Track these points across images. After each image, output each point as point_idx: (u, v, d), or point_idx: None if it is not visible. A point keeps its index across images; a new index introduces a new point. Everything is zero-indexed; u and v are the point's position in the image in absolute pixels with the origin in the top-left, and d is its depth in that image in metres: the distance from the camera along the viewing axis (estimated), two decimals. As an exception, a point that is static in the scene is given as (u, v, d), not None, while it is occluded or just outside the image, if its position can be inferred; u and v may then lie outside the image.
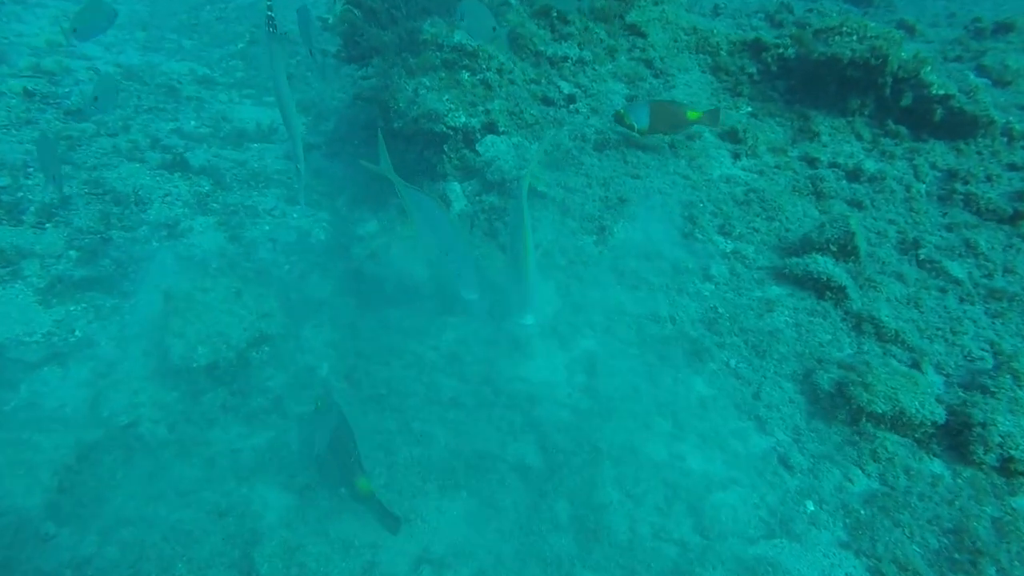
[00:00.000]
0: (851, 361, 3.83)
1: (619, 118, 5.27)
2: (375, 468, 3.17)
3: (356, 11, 6.43)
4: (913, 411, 3.41)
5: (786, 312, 4.34)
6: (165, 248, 5.40)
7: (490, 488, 3.13)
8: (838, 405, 3.61)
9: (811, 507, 3.16)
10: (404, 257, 4.79)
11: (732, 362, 3.98)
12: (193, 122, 8.06)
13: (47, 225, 5.12)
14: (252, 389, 3.93)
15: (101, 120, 7.24)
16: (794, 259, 4.56)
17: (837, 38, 5.49)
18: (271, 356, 4.18)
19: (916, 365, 3.95)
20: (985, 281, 4.58)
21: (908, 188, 5.30)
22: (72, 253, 4.91)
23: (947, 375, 3.96)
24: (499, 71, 5.93)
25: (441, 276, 4.51)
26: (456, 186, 5.45)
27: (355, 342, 4.22)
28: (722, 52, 6.33)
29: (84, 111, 6.91)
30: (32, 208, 5.20)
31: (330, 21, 11.34)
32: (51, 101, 7.35)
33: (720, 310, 4.30)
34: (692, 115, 5.21)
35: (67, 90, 7.67)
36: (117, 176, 6.30)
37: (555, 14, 6.49)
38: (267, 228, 6.15)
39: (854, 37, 5.42)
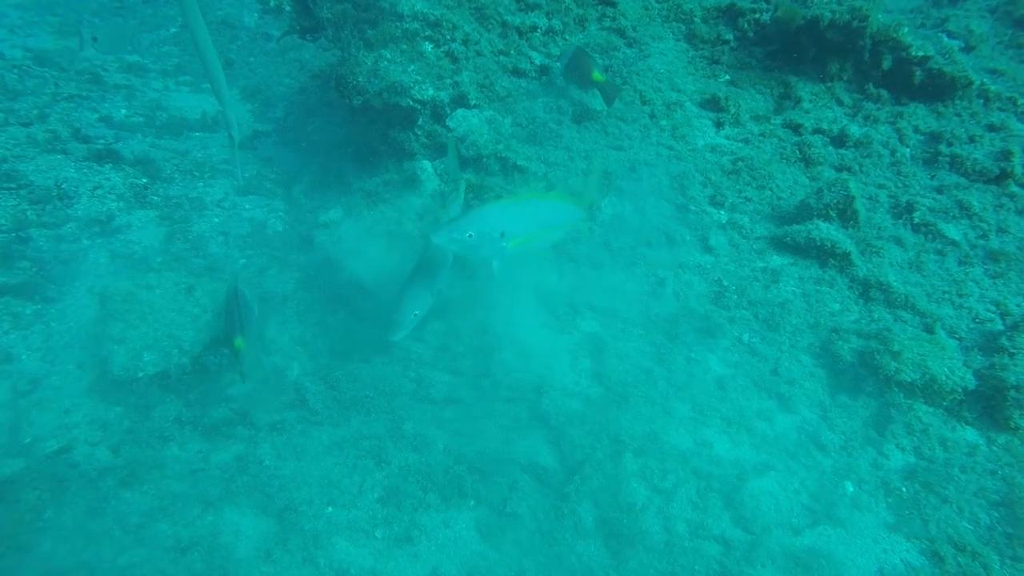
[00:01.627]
0: (871, 329, 3.61)
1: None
2: (365, 479, 2.72)
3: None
4: (943, 378, 3.20)
5: (792, 282, 4.10)
6: (98, 246, 4.75)
7: (501, 494, 2.73)
8: (863, 376, 3.37)
9: (851, 488, 2.89)
10: (375, 243, 4.31)
11: (745, 337, 3.70)
12: (124, 111, 7.30)
13: (-50, 224, 4.40)
14: (211, 398, 3.40)
15: (10, 108, 6.44)
16: (795, 227, 4.32)
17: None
18: (231, 359, 3.64)
19: (929, 330, 3.77)
20: (982, 242, 4.46)
21: (893, 152, 5.16)
22: (-18, 255, 4.22)
23: (960, 338, 3.78)
24: (464, 42, 5.49)
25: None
26: (427, 164, 5.00)
27: (327, 339, 3.73)
28: (696, 19, 6.07)
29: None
30: (-69, 205, 4.47)
31: (271, 3, 10.60)
32: (-50, 89, 6.48)
33: (725, 283, 4.03)
34: (597, 76, 4.92)
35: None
36: (35, 168, 5.56)
37: (520, -19, 6.09)
38: (217, 221, 5.54)
39: (833, -2, 5.24)
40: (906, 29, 5.23)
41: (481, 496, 2.73)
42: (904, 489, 2.90)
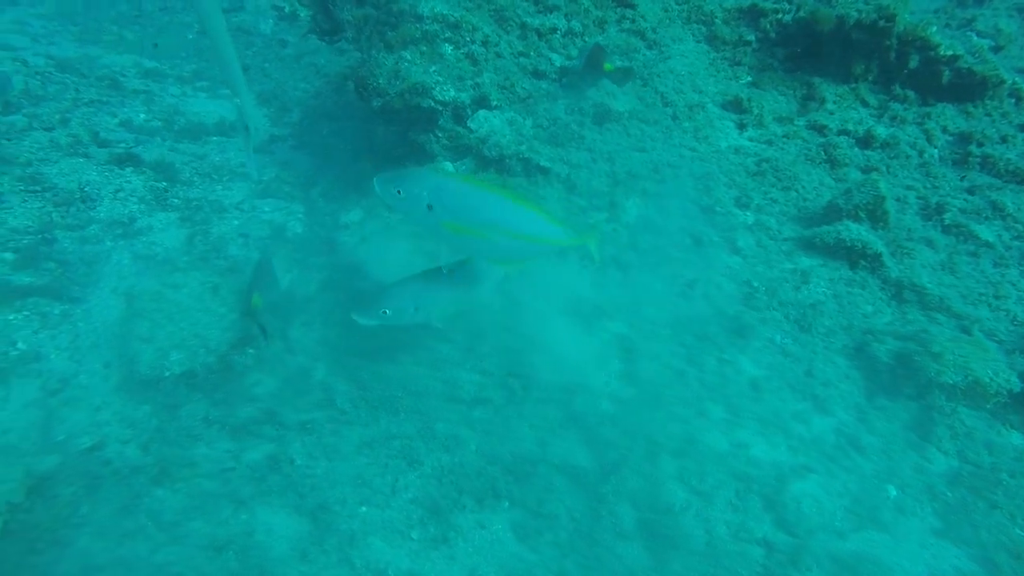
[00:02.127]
0: (907, 331, 3.53)
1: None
2: (398, 479, 2.67)
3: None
4: (988, 380, 3.12)
5: (822, 283, 4.03)
6: (120, 247, 4.75)
7: (536, 495, 2.67)
8: (901, 379, 3.30)
9: (894, 492, 2.82)
10: (398, 243, 4.28)
11: (777, 338, 3.63)
12: (143, 115, 7.34)
13: (-25, 225, 4.41)
14: (237, 398, 3.37)
15: (33, 113, 6.49)
16: (824, 227, 4.26)
17: (841, -1, 5.25)
18: (257, 359, 3.62)
19: (966, 332, 3.69)
20: (1017, 243, 4.38)
21: (921, 153, 5.09)
22: (8, 256, 4.22)
23: (1000, 341, 3.70)
24: (484, 44, 5.48)
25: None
26: (448, 165, 4.97)
27: (352, 339, 3.70)
28: (717, 20, 6.03)
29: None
30: (-43, 207, 4.49)
31: (287, 10, 10.65)
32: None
33: (754, 284, 3.96)
34: (608, 67, 4.92)
35: (-5, 81, 6.85)
36: (58, 172, 5.58)
37: (539, -15, 6.09)
38: (236, 223, 5.53)
39: (859, -3, 5.19)
40: (935, 28, 5.18)
41: (515, 497, 2.67)
42: (950, 494, 2.82)
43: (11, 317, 3.66)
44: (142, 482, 2.65)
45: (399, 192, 2.65)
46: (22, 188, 5.05)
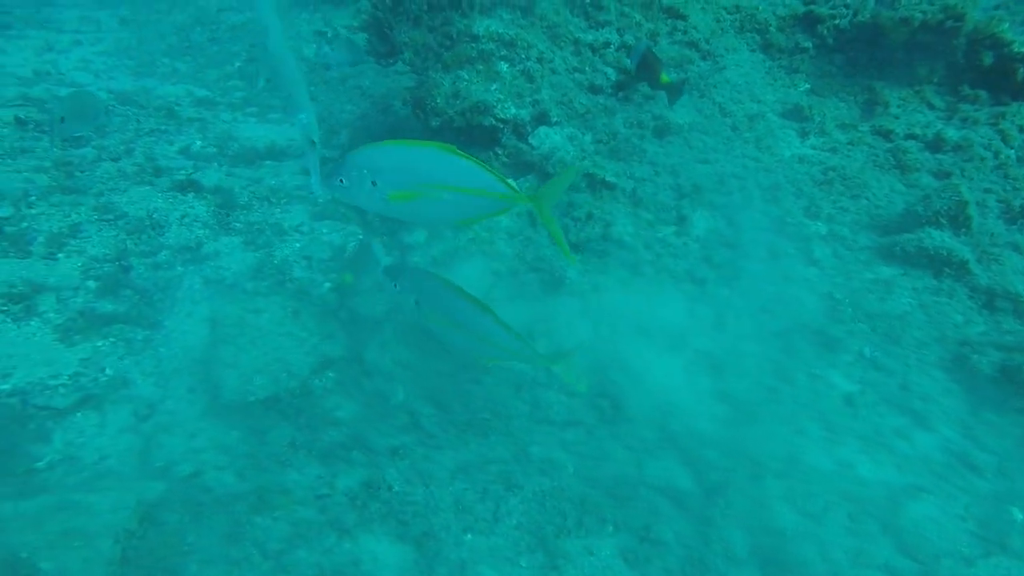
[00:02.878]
0: (1010, 341, 3.38)
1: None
2: (499, 505, 2.63)
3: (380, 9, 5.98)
4: (1107, 392, 2.96)
5: (907, 293, 3.90)
6: (191, 272, 4.84)
7: (641, 519, 2.60)
8: (1008, 392, 3.15)
9: (1020, 516, 2.67)
10: (470, 262, 4.28)
11: (867, 351, 3.51)
12: (199, 142, 7.54)
13: (59, 255, 4.54)
14: (319, 422, 3.38)
15: (101, 145, 6.71)
16: (904, 235, 4.13)
17: (904, 0, 5.14)
18: (335, 383, 3.63)
19: (1069, 341, 3.52)
20: (1112, 247, 4.18)
21: (997, 154, 4.92)
22: (90, 284, 4.33)
23: (1105, 350, 3.52)
24: (539, 60, 5.50)
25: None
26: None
27: (429, 360, 3.69)
28: (771, 29, 5.96)
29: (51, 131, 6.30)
30: (40, 238, 4.62)
31: (334, 33, 10.90)
32: (44, 129, 6.80)
33: (836, 296, 3.85)
34: (664, 79, 4.82)
35: (60, 116, 7.13)
36: (127, 200, 5.74)
37: (588, 0, 6.12)
38: (298, 246, 5.60)
39: (924, -2, 5.07)
40: (1006, 25, 5.02)
41: (619, 521, 2.61)
42: (1080, 515, 2.67)
43: (99, 343, 3.74)
44: (242, 509, 2.66)
45: (342, 181, 2.59)
46: (97, 217, 5.20)
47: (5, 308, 3.77)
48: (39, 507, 2.33)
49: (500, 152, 5.12)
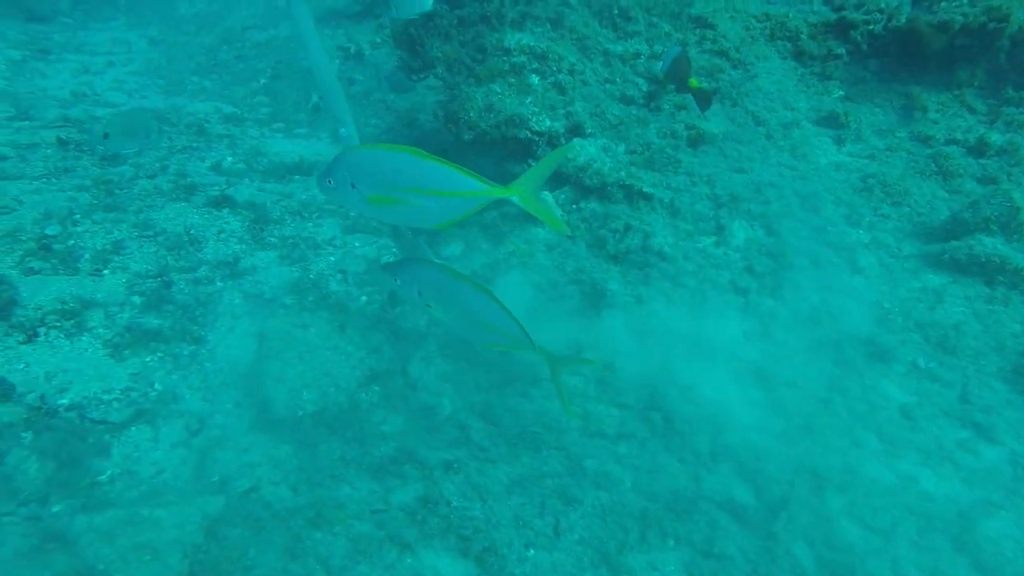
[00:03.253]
0: (1072, 349, 3.30)
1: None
2: (559, 520, 2.61)
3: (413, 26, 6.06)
4: None
5: (959, 301, 3.83)
6: (230, 287, 4.89)
7: (702, 533, 2.56)
8: (1074, 402, 3.07)
9: (1096, 529, 2.59)
10: (508, 276, 4.28)
11: (921, 362, 3.45)
12: (229, 158, 7.65)
13: (104, 271, 4.62)
14: (368, 437, 3.38)
15: (137, 163, 6.84)
16: (953, 243, 4.06)
17: (943, 3, 5.09)
18: (381, 397, 3.63)
19: None
20: None
21: (1043, 159, 4.83)
22: (136, 299, 4.39)
23: None
24: (571, 72, 5.52)
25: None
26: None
27: (474, 373, 3.68)
28: (803, 36, 5.94)
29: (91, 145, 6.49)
30: (87, 255, 4.71)
31: (352, 50, 11.04)
32: (85, 149, 6.96)
33: (885, 305, 3.79)
34: (693, 83, 4.81)
35: (97, 136, 7.32)
36: (165, 217, 5.83)
37: (616, 12, 6.15)
38: (333, 259, 5.65)
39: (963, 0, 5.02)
40: (1050, 25, 4.95)
41: (680, 536, 2.57)
42: None
43: (148, 359, 3.79)
44: (300, 524, 2.66)
45: (330, 183, 2.76)
46: (137, 234, 5.28)
47: (58, 324, 3.83)
48: (110, 521, 2.35)
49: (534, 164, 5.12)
